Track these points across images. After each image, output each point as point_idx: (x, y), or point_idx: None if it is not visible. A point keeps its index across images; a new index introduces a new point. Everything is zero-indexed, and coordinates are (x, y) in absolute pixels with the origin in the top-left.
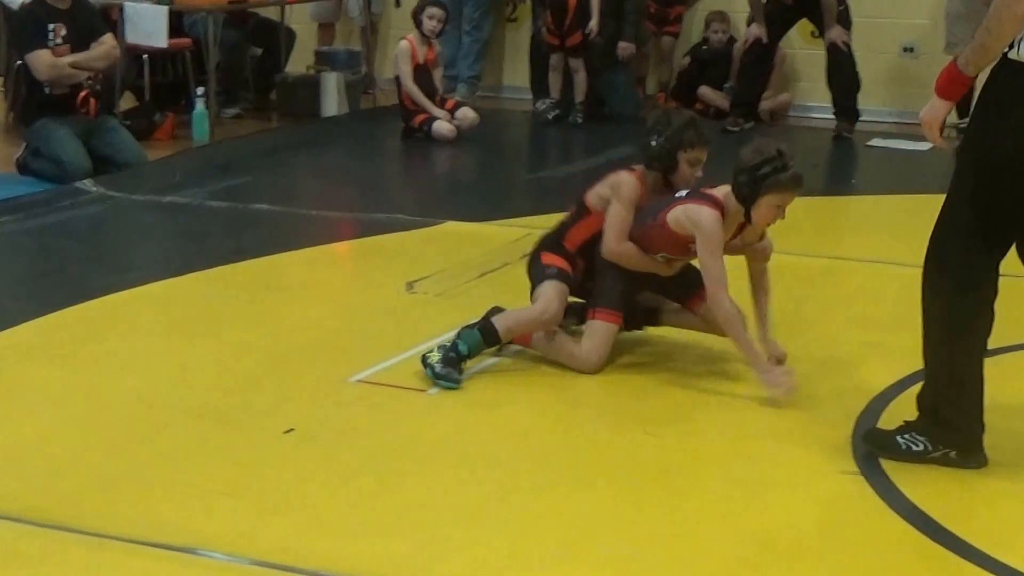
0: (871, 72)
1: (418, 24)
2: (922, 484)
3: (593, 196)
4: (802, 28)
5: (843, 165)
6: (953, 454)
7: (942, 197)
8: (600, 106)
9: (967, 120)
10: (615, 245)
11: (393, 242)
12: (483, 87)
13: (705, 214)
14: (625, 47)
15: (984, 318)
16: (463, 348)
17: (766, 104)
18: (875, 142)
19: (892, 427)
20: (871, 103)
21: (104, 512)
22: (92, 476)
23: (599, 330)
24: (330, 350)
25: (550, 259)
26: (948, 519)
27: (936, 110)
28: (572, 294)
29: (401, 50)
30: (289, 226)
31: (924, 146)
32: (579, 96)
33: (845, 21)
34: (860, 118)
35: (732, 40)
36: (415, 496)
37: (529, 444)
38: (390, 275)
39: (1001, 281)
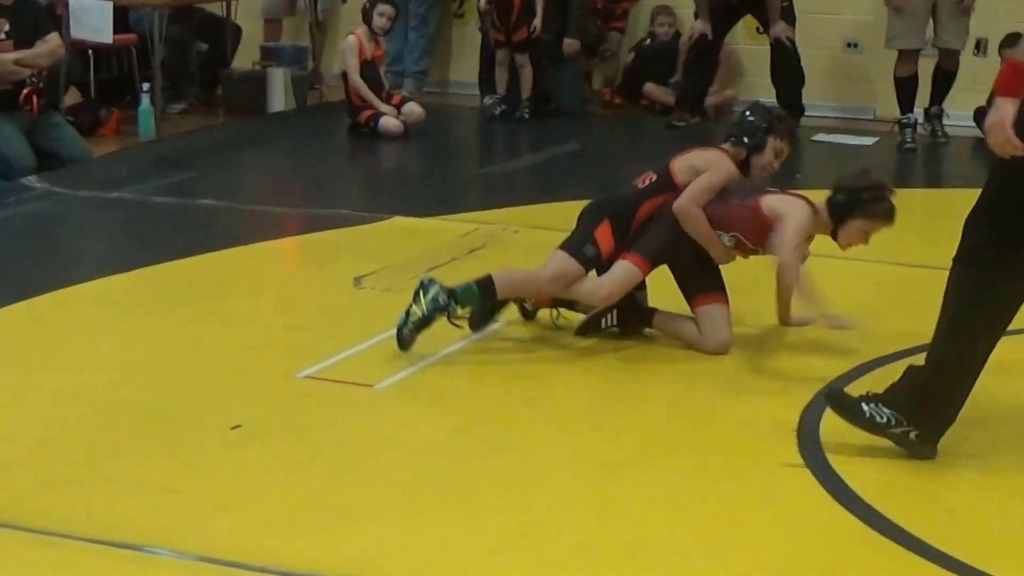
0: (815, 67)
1: (368, 20)
2: (866, 475)
3: (684, 167)
4: (747, 23)
5: (785, 160)
6: (913, 435)
7: None
8: (547, 102)
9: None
10: (689, 204)
11: (340, 237)
12: (430, 83)
13: (800, 206)
14: (570, 43)
15: (997, 318)
16: (454, 306)
17: (712, 99)
18: (819, 137)
19: (857, 394)
20: (815, 98)
21: (51, 510)
22: (38, 474)
23: (621, 270)
24: (277, 346)
25: (604, 236)
26: (891, 510)
27: (1004, 111)
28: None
29: (349, 45)
30: (236, 222)
31: (868, 140)
32: (525, 92)
33: (789, 17)
34: (805, 113)
35: (678, 35)
36: (362, 492)
37: (474, 439)
38: (337, 271)
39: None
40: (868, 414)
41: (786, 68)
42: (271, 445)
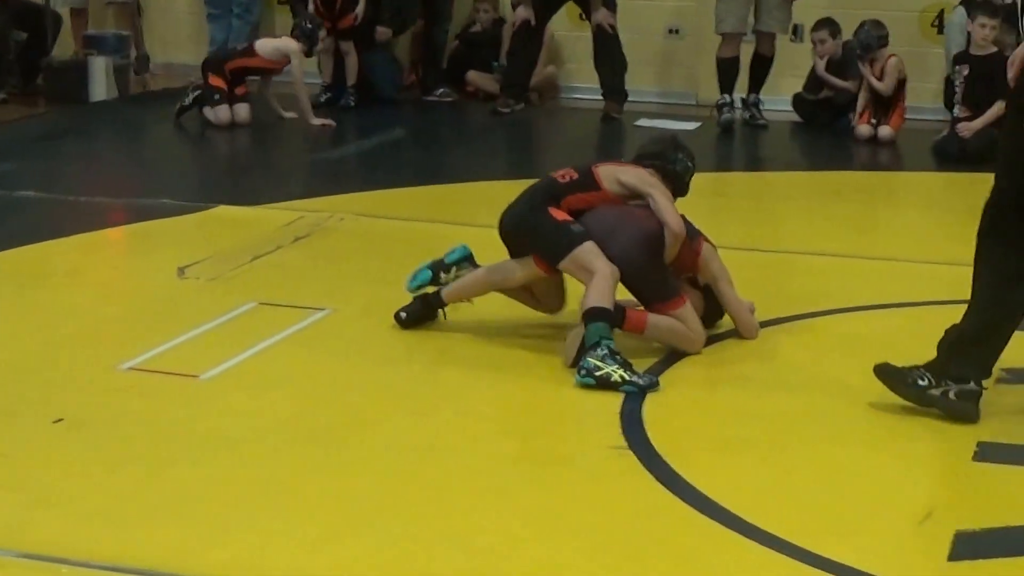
0: (637, 53)
1: (312, 44)
2: (688, 456)
3: (610, 179)
4: (569, 10)
5: (611, 145)
6: (953, 394)
7: (703, 175)
8: (373, 89)
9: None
10: (681, 227)
11: (164, 228)
12: None
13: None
14: (382, 31)
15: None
16: (611, 343)
17: (533, 80)
18: (642, 122)
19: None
20: (638, 84)
21: None
22: None
23: (688, 313)
24: (100, 338)
25: (563, 215)
26: (713, 490)
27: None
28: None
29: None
30: (57, 213)
31: (690, 125)
32: (351, 79)
33: (611, 4)
34: (628, 99)
35: (500, 21)
36: (185, 483)
37: (299, 427)
38: (161, 261)
39: (784, 258)
40: (911, 379)
41: (608, 55)
42: (93, 438)
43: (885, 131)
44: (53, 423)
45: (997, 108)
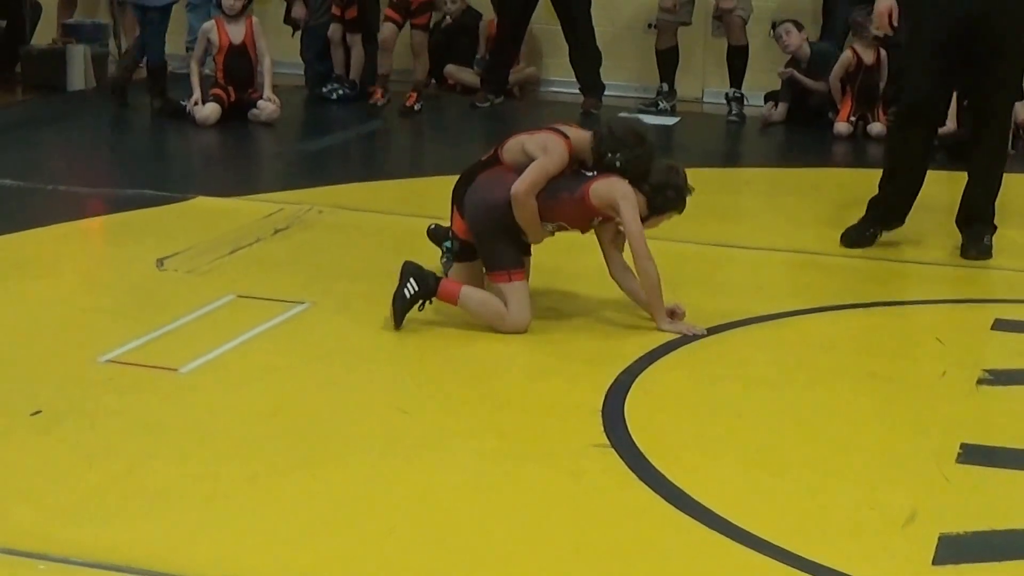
0: (617, 48)
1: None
2: (670, 454)
3: (514, 150)
4: (546, 3)
5: None
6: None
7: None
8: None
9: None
10: (525, 192)
11: (143, 218)
12: None
13: (627, 188)
14: None
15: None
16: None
17: (513, 78)
18: (622, 117)
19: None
20: (617, 78)
21: None
22: None
23: (519, 289)
24: (79, 329)
25: (457, 224)
26: (695, 490)
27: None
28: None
29: (203, 29)
30: (35, 202)
31: (670, 120)
32: (354, 72)
33: None
34: (605, 92)
35: (475, 14)
36: (166, 478)
37: (280, 423)
38: (140, 252)
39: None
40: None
41: (582, 49)
42: (73, 431)
43: (876, 128)
44: (31, 416)
45: None
